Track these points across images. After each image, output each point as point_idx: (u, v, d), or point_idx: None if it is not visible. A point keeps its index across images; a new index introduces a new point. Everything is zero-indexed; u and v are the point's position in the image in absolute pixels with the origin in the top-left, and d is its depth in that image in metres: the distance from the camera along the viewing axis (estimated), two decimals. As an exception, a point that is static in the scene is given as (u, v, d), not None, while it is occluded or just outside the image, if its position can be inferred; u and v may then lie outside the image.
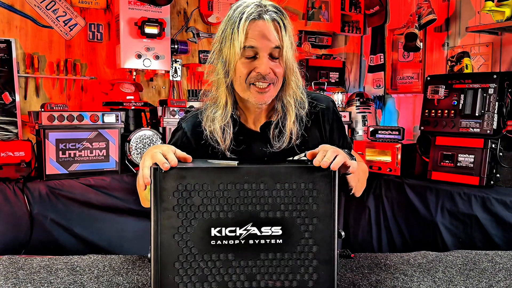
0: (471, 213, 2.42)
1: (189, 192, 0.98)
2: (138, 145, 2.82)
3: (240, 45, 1.18)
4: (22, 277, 1.24)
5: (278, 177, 0.99)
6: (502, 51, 3.07)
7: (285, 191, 1.00)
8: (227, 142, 1.26)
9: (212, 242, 0.99)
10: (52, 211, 2.50)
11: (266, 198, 0.99)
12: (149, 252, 1.01)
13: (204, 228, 0.99)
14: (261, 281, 1.01)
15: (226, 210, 0.99)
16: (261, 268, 1.01)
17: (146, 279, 1.23)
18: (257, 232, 1.00)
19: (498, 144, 2.51)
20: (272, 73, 1.21)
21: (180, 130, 1.36)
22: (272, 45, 1.20)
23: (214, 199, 0.98)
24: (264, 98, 1.23)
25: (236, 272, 1.00)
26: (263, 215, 0.99)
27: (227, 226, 0.99)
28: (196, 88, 3.64)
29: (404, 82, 3.81)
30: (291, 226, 1.00)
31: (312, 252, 1.01)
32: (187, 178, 0.98)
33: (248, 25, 1.18)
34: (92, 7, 3.29)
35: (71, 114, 2.63)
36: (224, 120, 1.26)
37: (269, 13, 1.20)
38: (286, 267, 1.01)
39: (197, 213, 0.98)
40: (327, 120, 1.37)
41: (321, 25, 4.13)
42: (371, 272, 1.30)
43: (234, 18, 1.21)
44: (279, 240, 1.00)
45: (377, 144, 3.04)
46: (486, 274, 1.29)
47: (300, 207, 1.00)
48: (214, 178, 0.98)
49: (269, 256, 1.01)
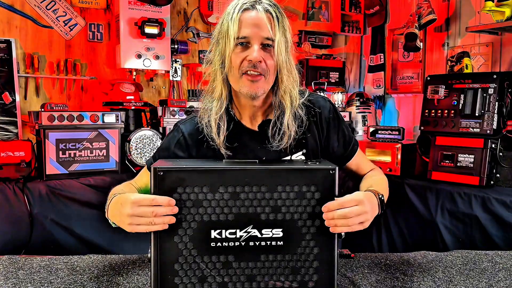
0: (471, 213, 2.42)
1: (189, 194, 0.97)
2: (138, 145, 2.82)
3: (234, 35, 1.20)
4: (22, 277, 1.24)
5: (279, 179, 0.99)
6: (502, 51, 3.07)
7: (286, 193, 0.99)
8: (222, 137, 1.26)
9: (212, 244, 0.99)
10: (52, 211, 2.49)
11: (267, 200, 0.99)
12: (149, 252, 1.01)
13: (204, 230, 0.98)
14: (261, 282, 1.00)
15: (226, 212, 0.98)
16: (261, 269, 1.00)
17: (146, 279, 1.23)
18: (258, 234, 0.99)
19: (498, 144, 2.51)
20: (264, 63, 1.21)
21: (177, 131, 1.36)
22: (264, 35, 1.21)
23: (214, 202, 0.98)
24: (255, 88, 1.22)
25: (236, 273, 1.00)
26: (263, 217, 0.99)
27: (227, 228, 0.99)
28: (196, 88, 3.64)
29: (404, 82, 3.81)
30: (292, 228, 1.00)
31: (313, 254, 1.01)
32: (186, 180, 0.97)
33: (241, 14, 1.21)
34: (92, 7, 3.29)
35: (71, 114, 2.63)
36: (219, 111, 1.26)
37: (262, 4, 1.22)
38: (286, 268, 1.01)
39: (197, 215, 0.98)
40: (324, 119, 1.36)
41: (321, 25, 4.13)
42: (371, 272, 1.30)
43: (229, 9, 1.24)
44: (279, 242, 1.00)
45: (377, 144, 3.04)
46: (486, 274, 1.29)
47: (301, 209, 1.00)
48: (214, 180, 0.98)
49: (270, 258, 1.00)
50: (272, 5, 1.24)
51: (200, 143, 1.31)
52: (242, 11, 1.21)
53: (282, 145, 1.28)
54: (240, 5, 1.21)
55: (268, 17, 1.21)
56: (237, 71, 1.22)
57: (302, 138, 1.32)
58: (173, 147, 1.33)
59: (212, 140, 1.27)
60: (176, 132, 1.35)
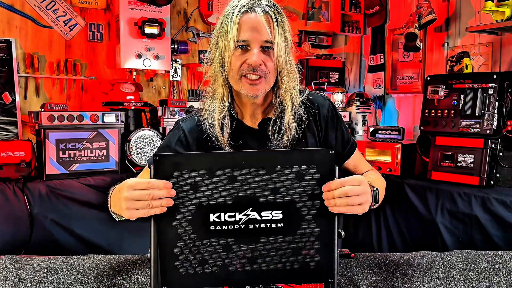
0: (471, 213, 2.42)
1: (186, 178, 0.97)
2: (138, 145, 2.82)
3: (234, 38, 1.20)
4: (22, 277, 1.24)
5: (277, 161, 0.98)
6: (502, 51, 3.07)
7: (285, 175, 0.98)
8: (226, 136, 1.28)
9: (212, 228, 0.98)
10: (52, 211, 2.49)
11: (266, 183, 0.98)
12: (149, 252, 1.01)
13: (202, 213, 0.98)
14: (262, 264, 1.00)
15: (225, 196, 0.97)
16: (262, 251, 1.00)
17: (146, 279, 1.23)
18: (257, 216, 0.99)
19: (498, 144, 2.51)
20: (263, 65, 1.22)
21: (177, 129, 1.37)
22: (263, 39, 1.21)
23: (211, 185, 0.97)
24: (255, 90, 1.24)
25: (237, 255, 0.99)
26: (262, 199, 0.98)
27: (226, 212, 0.98)
28: (196, 88, 3.64)
29: (404, 82, 3.81)
30: (292, 209, 0.99)
31: (314, 235, 1.00)
32: (183, 164, 0.97)
33: (240, 17, 1.21)
34: (92, 7, 3.29)
35: (71, 114, 2.63)
36: (222, 112, 1.28)
37: (261, 6, 1.22)
38: (287, 250, 1.00)
39: (195, 199, 0.97)
40: (323, 117, 1.37)
41: (321, 25, 4.13)
42: (371, 272, 1.30)
43: (228, 11, 1.24)
44: (279, 224, 0.99)
45: (377, 144, 3.04)
46: (486, 274, 1.29)
47: (300, 190, 0.98)
48: (211, 164, 0.97)
49: (270, 240, 1.00)
50: (271, 6, 1.24)
51: (201, 141, 1.32)
52: (241, 13, 1.21)
53: (283, 144, 1.29)
54: (239, 8, 1.21)
55: (267, 19, 1.21)
56: (237, 74, 1.24)
57: (302, 136, 1.33)
58: (174, 144, 1.34)
59: (216, 139, 1.28)
60: (177, 130, 1.36)
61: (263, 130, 1.32)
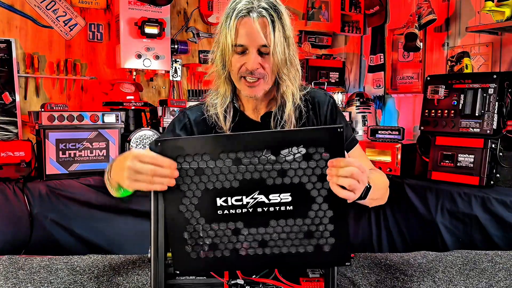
0: (471, 213, 2.42)
1: (189, 163, 0.96)
2: (138, 145, 2.82)
3: (231, 42, 1.23)
4: (22, 277, 1.24)
5: (284, 142, 0.94)
6: (502, 51, 3.07)
7: (292, 156, 0.95)
8: (228, 124, 1.32)
9: (219, 212, 0.97)
10: (52, 211, 2.49)
11: (272, 164, 0.95)
12: (149, 252, 1.01)
13: (209, 198, 0.96)
14: (274, 247, 0.98)
15: (230, 180, 0.95)
16: (273, 235, 0.98)
17: (146, 279, 1.23)
18: (265, 200, 0.96)
19: (498, 144, 2.51)
20: (261, 68, 1.24)
21: (183, 117, 1.39)
22: (259, 43, 1.22)
23: (215, 169, 0.95)
24: (254, 91, 1.27)
25: (247, 239, 0.98)
26: (269, 182, 0.96)
27: (233, 196, 0.96)
28: (196, 88, 3.64)
29: (404, 82, 3.81)
30: (301, 192, 0.96)
31: (327, 217, 0.97)
32: (185, 149, 0.96)
33: (237, 22, 1.22)
34: (92, 7, 3.29)
35: (71, 114, 2.63)
36: (225, 104, 1.32)
37: (258, 10, 1.22)
38: (299, 233, 0.97)
39: (200, 184, 0.96)
40: (324, 112, 1.39)
41: (321, 25, 4.13)
42: (371, 272, 1.30)
43: (227, 13, 1.25)
44: (289, 207, 0.97)
45: (377, 144, 3.04)
46: (486, 274, 1.29)
47: (309, 171, 0.95)
48: (214, 147, 0.95)
49: (280, 223, 0.97)
50: (268, 8, 1.23)
51: (204, 132, 1.34)
52: (238, 18, 1.22)
53: None
54: (236, 12, 1.22)
55: (262, 23, 1.21)
56: (237, 75, 1.27)
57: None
58: (178, 130, 1.36)
59: (220, 129, 1.32)
60: (183, 117, 1.38)
61: (266, 123, 1.34)
